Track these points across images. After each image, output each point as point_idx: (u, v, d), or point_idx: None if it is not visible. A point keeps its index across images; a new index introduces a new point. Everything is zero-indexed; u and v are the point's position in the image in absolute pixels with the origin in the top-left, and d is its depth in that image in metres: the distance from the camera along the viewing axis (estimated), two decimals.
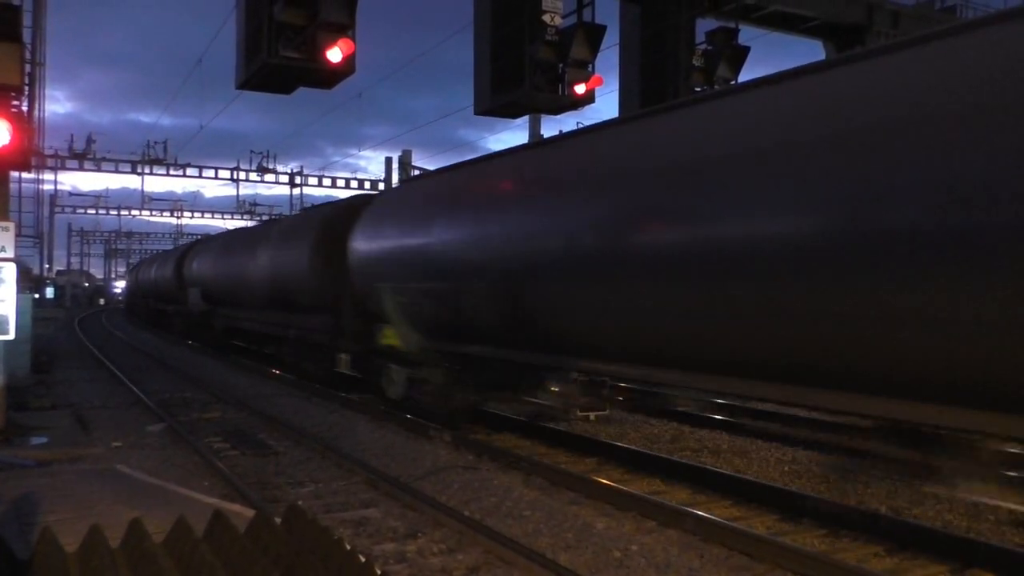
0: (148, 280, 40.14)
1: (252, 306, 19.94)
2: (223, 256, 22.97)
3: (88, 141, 39.38)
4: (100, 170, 40.04)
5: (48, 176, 41.87)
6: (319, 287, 14.89)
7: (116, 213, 58.13)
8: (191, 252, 28.73)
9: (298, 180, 45.09)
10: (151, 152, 40.33)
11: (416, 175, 15.06)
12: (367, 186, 43.20)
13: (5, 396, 10.78)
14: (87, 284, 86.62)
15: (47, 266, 55.42)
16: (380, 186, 38.82)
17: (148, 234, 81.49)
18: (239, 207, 54.79)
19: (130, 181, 65.31)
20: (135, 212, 56.03)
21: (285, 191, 46.18)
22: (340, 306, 14.08)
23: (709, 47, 15.61)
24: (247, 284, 19.79)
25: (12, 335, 10.22)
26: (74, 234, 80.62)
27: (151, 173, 40.93)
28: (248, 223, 47.51)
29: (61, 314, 45.68)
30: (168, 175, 41.22)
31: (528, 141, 18.64)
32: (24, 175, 22.81)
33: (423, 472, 9.06)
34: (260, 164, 43.83)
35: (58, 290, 66.20)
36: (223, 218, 57.40)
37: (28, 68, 11.69)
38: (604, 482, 8.23)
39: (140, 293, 44.97)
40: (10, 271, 10.08)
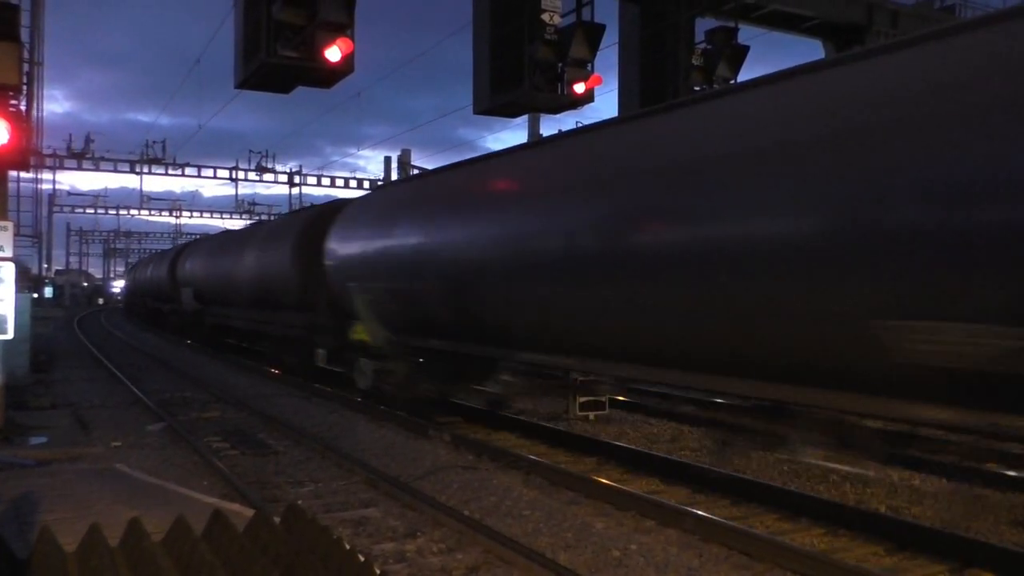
0: (145, 280, 40.70)
1: (240, 305, 20.76)
2: (213, 257, 23.80)
3: (86, 141, 39.32)
4: (99, 170, 39.98)
5: (47, 175, 41.87)
6: (299, 286, 15.70)
7: (115, 213, 58.06)
8: (184, 253, 29.66)
9: (297, 180, 45.03)
10: (150, 151, 40.29)
11: (384, 183, 15.78)
12: (366, 185, 43.13)
13: (4, 395, 10.77)
14: (86, 284, 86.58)
15: (46, 266, 55.44)
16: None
17: (147, 234, 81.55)
18: (238, 207, 54.69)
19: (129, 181, 65.40)
20: (134, 212, 56.01)
21: (284, 191, 46.07)
22: (317, 304, 14.84)
23: (708, 46, 15.61)
24: (235, 284, 20.64)
25: (11, 335, 10.22)
26: (73, 234, 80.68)
27: (150, 173, 40.87)
28: (247, 222, 47.51)
29: (60, 314, 45.69)
30: (167, 175, 41.17)
31: (527, 141, 18.64)
32: (23, 175, 22.83)
33: (423, 472, 9.06)
34: (259, 163, 43.77)
35: (57, 290, 66.18)
36: (222, 218, 57.31)
37: (26, 67, 11.69)
38: (604, 482, 8.23)
39: (138, 293, 45.19)
40: (9, 271, 10.07)
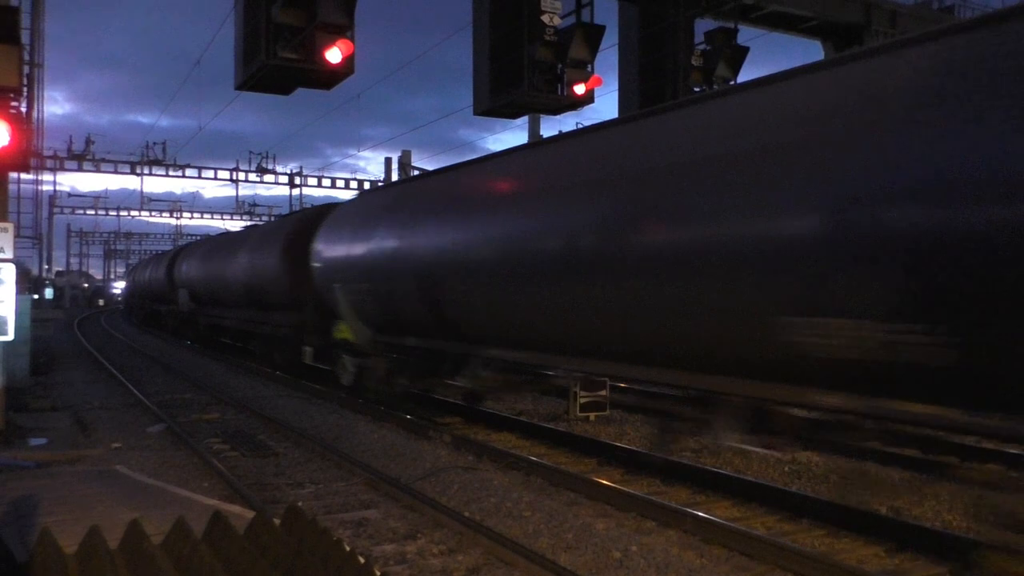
0: (144, 281, 41.17)
1: (232, 305, 21.56)
2: (208, 259, 24.52)
3: (87, 142, 39.31)
4: (99, 171, 39.97)
5: (47, 177, 41.82)
6: (288, 287, 16.41)
7: (115, 214, 58.05)
8: (181, 255, 30.44)
9: (297, 181, 45.05)
10: (150, 153, 40.32)
11: (368, 189, 16.52)
12: (367, 186, 43.17)
13: (4, 397, 10.76)
14: (86, 285, 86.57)
15: (46, 267, 55.35)
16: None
17: (147, 235, 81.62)
18: (238, 208, 54.74)
19: (129, 182, 65.51)
20: (134, 213, 55.88)
21: (284, 192, 46.21)
22: (305, 304, 15.53)
23: (708, 47, 15.61)
24: (228, 285, 21.34)
25: (11, 336, 10.22)
26: (73, 235, 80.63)
27: (150, 174, 40.87)
28: (247, 223, 47.51)
29: (60, 315, 45.64)
30: (167, 176, 41.17)
31: (527, 141, 18.64)
32: (23, 176, 22.84)
33: (423, 473, 9.05)
34: (259, 165, 43.79)
35: (57, 291, 66.16)
36: (222, 219, 57.32)
37: (27, 69, 11.70)
38: (604, 482, 8.23)
39: (137, 294, 45.44)
40: (9, 272, 10.07)
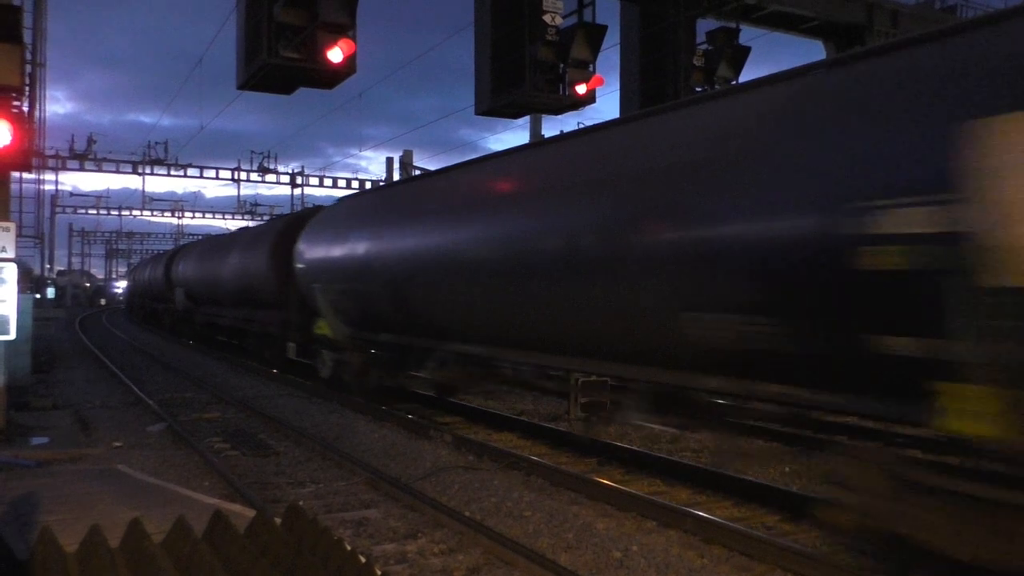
0: (144, 281, 41.63)
1: (226, 304, 22.50)
2: (203, 260, 25.47)
3: (89, 142, 39.35)
4: (101, 170, 40.03)
5: (49, 176, 41.82)
6: (274, 287, 17.23)
7: (117, 213, 58.05)
8: (178, 255, 31.41)
9: (299, 180, 45.09)
10: (152, 152, 40.37)
11: (345, 195, 17.77)
12: (368, 186, 43.19)
13: (6, 396, 10.77)
14: (88, 284, 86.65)
15: (48, 266, 55.36)
16: None
17: (149, 234, 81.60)
18: (240, 207, 54.78)
19: (131, 181, 65.37)
20: (136, 212, 55.85)
21: (286, 191, 46.46)
22: (289, 303, 16.33)
23: (709, 47, 15.61)
24: (221, 285, 22.24)
25: (13, 335, 10.22)
26: (75, 234, 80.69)
27: (152, 173, 40.94)
28: (249, 223, 47.56)
29: (62, 314, 45.68)
30: (169, 175, 41.24)
31: (528, 142, 18.63)
32: (25, 175, 22.84)
33: (423, 472, 9.06)
34: (261, 164, 43.84)
35: (58, 290, 66.20)
36: (224, 218, 57.35)
37: (29, 69, 11.69)
38: (605, 482, 8.22)
39: (138, 293, 45.61)
40: (11, 271, 10.08)
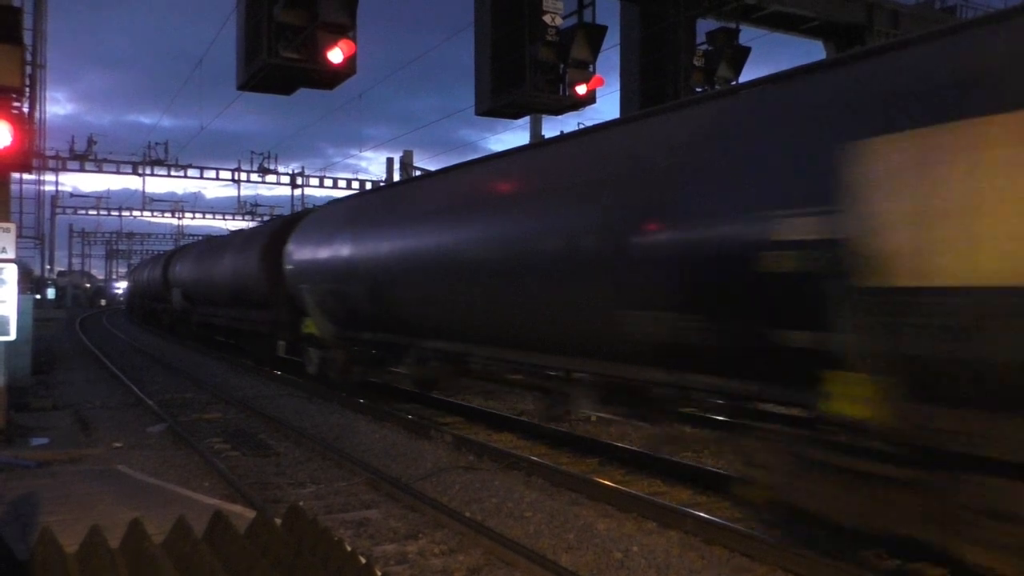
0: (143, 281, 42.01)
1: (219, 304, 23.22)
2: (198, 261, 26.22)
3: (89, 142, 39.34)
4: (101, 171, 40.03)
5: (49, 177, 41.83)
6: (265, 287, 17.89)
7: (117, 214, 58.06)
8: (175, 257, 32.26)
9: (299, 181, 45.09)
10: (152, 153, 40.36)
11: (332, 200, 18.27)
12: (368, 187, 43.19)
13: (6, 397, 10.77)
14: (88, 285, 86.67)
15: (48, 267, 55.34)
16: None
17: (149, 235, 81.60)
18: (240, 208, 54.77)
19: (131, 182, 65.29)
20: (136, 213, 55.84)
21: (286, 192, 46.41)
22: (279, 303, 17.00)
23: (709, 47, 15.60)
24: (216, 285, 22.96)
25: (13, 336, 10.22)
26: (75, 235, 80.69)
27: (152, 174, 40.94)
28: (249, 224, 47.57)
29: (62, 315, 45.66)
30: (169, 176, 41.23)
31: (528, 143, 18.64)
32: (25, 176, 22.86)
33: (424, 473, 9.05)
34: (261, 165, 43.83)
35: (59, 291, 66.19)
36: (224, 219, 57.34)
37: (29, 70, 11.69)
38: (605, 483, 8.21)
39: (138, 294, 45.78)
40: (11, 272, 10.07)
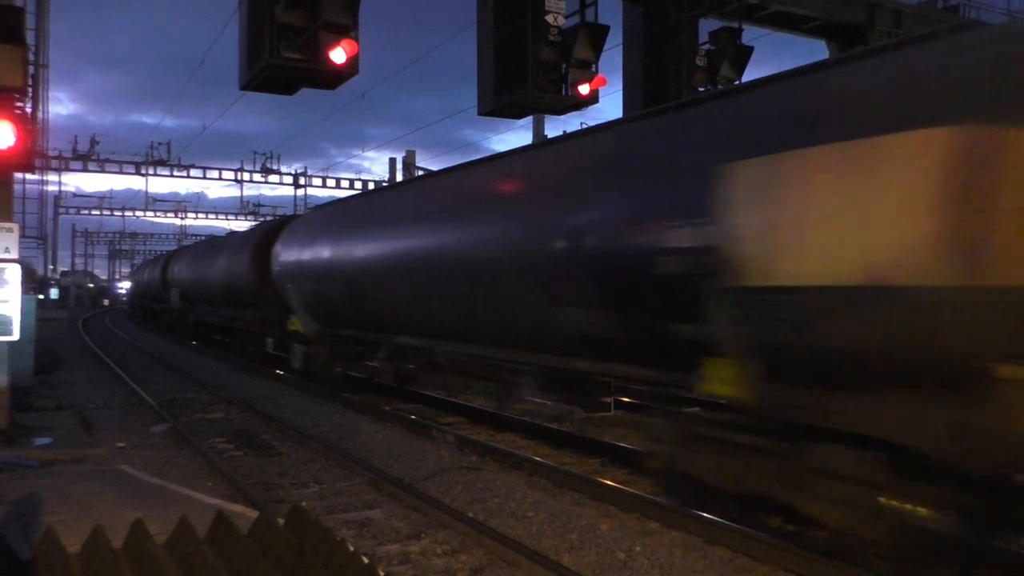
0: (144, 282, 42.38)
1: (214, 303, 24.15)
2: (195, 262, 27.08)
3: (92, 142, 39.43)
4: (104, 171, 40.11)
5: (52, 177, 41.73)
6: (255, 288, 18.67)
7: (120, 214, 58.13)
8: (173, 258, 33.20)
9: (302, 181, 45.14)
10: (154, 153, 40.44)
11: (317, 205, 19.21)
12: (371, 187, 43.20)
13: (9, 397, 10.79)
14: (91, 285, 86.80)
15: (51, 267, 55.44)
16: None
17: (152, 235, 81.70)
18: (243, 208, 54.82)
19: (134, 182, 65.33)
20: (139, 213, 55.96)
21: (289, 192, 46.11)
22: (267, 302, 17.81)
23: (712, 47, 15.57)
24: (211, 285, 23.75)
25: (16, 336, 10.23)
26: (78, 235, 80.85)
27: (155, 174, 41.03)
28: (252, 223, 47.58)
29: (65, 315, 45.77)
30: (172, 176, 41.32)
31: (531, 143, 18.63)
32: (28, 176, 22.80)
33: (426, 473, 9.05)
34: (264, 165, 43.89)
35: (62, 291, 66.30)
36: (227, 219, 57.40)
37: (31, 70, 11.70)
38: (608, 483, 8.20)
39: (139, 294, 46.00)
40: (14, 272, 10.08)
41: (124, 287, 79.57)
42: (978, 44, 5.36)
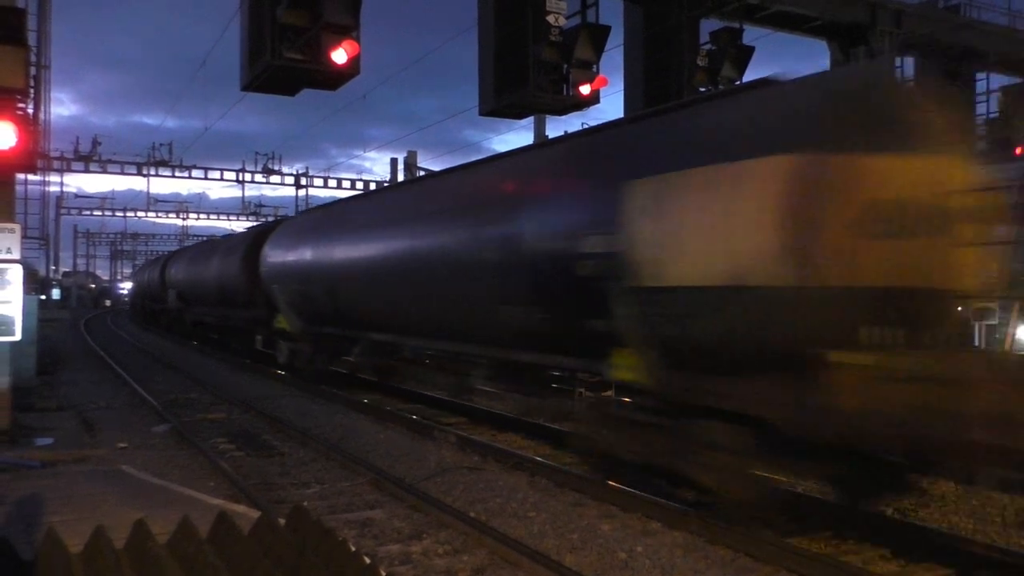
0: (144, 283, 43.02)
1: (209, 303, 25.06)
2: (191, 264, 28.02)
3: (93, 143, 39.36)
4: (105, 172, 40.03)
5: (54, 178, 41.72)
6: (245, 288, 19.58)
7: (122, 215, 58.08)
8: (171, 259, 34.29)
9: (303, 181, 45.12)
10: (156, 154, 40.39)
11: (304, 210, 20.07)
12: (372, 187, 43.20)
13: (11, 397, 10.80)
14: (93, 285, 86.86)
15: (53, 268, 55.44)
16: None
17: (153, 236, 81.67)
18: (244, 208, 54.78)
19: (135, 183, 64.99)
20: (141, 214, 55.90)
21: (290, 192, 45.92)
22: (257, 301, 18.74)
23: (713, 47, 15.56)
24: (206, 286, 24.63)
25: (18, 337, 10.24)
26: (80, 236, 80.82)
27: (156, 175, 40.95)
28: (253, 224, 47.59)
29: (67, 315, 45.78)
30: (173, 177, 41.23)
31: (532, 142, 18.64)
32: (30, 177, 22.80)
33: (428, 473, 9.05)
34: (265, 165, 43.84)
35: (64, 291, 66.34)
36: (228, 219, 57.35)
37: (33, 71, 11.71)
38: (609, 483, 8.20)
39: (140, 294, 46.30)
40: (16, 273, 10.10)
41: (126, 288, 79.65)
42: (814, 84, 6.56)
